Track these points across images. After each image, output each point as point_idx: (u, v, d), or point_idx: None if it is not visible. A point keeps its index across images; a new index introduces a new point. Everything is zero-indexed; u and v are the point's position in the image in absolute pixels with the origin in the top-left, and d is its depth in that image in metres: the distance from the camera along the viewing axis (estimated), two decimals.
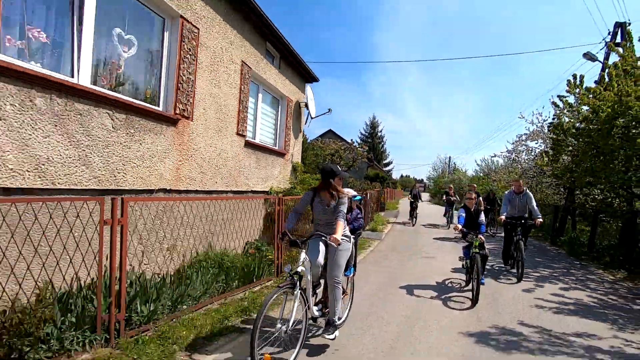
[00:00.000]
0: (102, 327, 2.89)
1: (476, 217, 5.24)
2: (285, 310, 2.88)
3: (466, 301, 4.72)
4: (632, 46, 9.25)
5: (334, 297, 3.23)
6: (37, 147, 3.03)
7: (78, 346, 2.73)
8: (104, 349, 2.83)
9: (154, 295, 3.38)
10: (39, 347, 2.54)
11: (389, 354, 3.20)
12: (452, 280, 5.71)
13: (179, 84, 4.75)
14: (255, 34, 6.83)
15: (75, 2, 3.45)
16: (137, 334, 3.08)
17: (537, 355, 3.26)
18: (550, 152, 11.75)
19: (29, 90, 2.96)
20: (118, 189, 3.89)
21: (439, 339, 3.53)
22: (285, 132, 8.79)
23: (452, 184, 17.58)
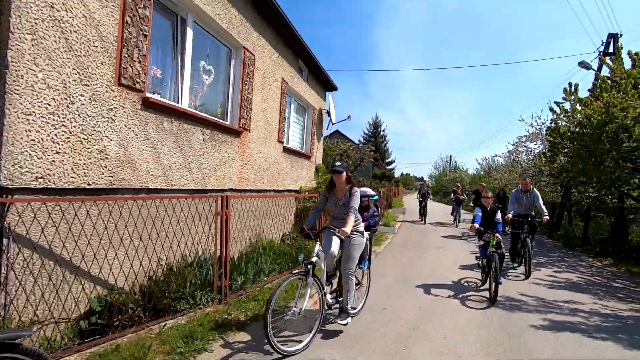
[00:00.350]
0: (216, 290, 3.96)
1: (492, 216, 5.20)
2: (300, 297, 3.20)
3: (484, 300, 4.72)
4: (620, 59, 10.32)
5: (347, 287, 3.50)
6: (164, 158, 4.09)
7: (203, 302, 3.80)
8: (219, 305, 3.90)
9: (244, 270, 4.45)
10: (182, 301, 3.61)
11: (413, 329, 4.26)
12: (467, 280, 5.70)
13: (242, 102, 5.80)
14: (291, 54, 7.88)
15: (178, 46, 4.50)
16: (236, 297, 4.15)
17: (534, 313, 4.33)
18: (548, 154, 12.81)
19: (160, 116, 4.01)
20: (205, 189, 4.95)
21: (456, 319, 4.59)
22: (311, 138, 9.85)
23: (459, 183, 17.73)
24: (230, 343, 3.17)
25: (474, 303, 4.61)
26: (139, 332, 3.15)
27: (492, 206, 5.33)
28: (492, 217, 5.19)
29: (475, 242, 8.63)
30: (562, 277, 6.36)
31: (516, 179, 19.37)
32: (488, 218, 5.20)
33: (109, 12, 3.28)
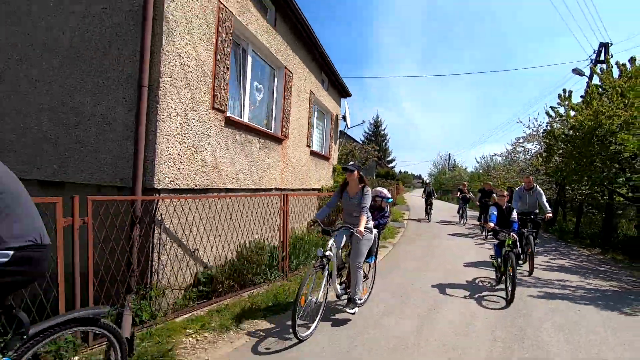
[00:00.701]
0: (281, 269, 4.98)
1: (508, 215, 5.17)
2: (315, 288, 3.51)
3: (500, 300, 4.66)
4: (609, 70, 11.39)
5: (355, 279, 3.76)
6: (236, 164, 5.09)
7: (272, 278, 4.81)
8: (283, 281, 4.92)
9: (297, 254, 5.47)
10: (258, 276, 4.62)
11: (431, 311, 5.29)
12: (482, 280, 5.65)
13: (283, 113, 6.80)
14: (316, 68, 8.87)
15: (241, 71, 5.49)
16: (293, 275, 5.17)
17: (531, 288, 5.37)
18: (544, 154, 13.88)
19: (235, 130, 5.01)
20: (259, 189, 5.95)
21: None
22: (330, 141, 10.87)
23: (465, 182, 17.93)
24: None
25: (492, 303, 4.54)
26: (234, 297, 4.17)
27: (507, 205, 5.30)
28: (508, 216, 5.15)
29: (482, 239, 9.61)
30: (556, 263, 7.42)
31: (514, 178, 20.51)
32: (503, 217, 5.15)
33: (209, 54, 4.27)
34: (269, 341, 3.22)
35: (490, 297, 4.78)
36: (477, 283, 5.45)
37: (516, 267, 4.65)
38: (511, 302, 4.47)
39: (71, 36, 3.78)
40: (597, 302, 4.86)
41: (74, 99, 3.76)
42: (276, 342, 3.21)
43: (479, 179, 33.47)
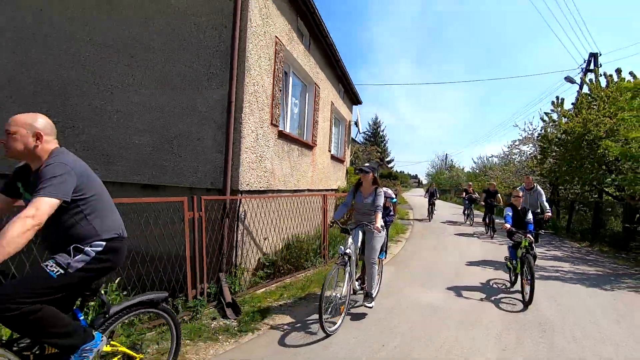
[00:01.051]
0: (322, 256, 5.98)
1: (524, 216, 5.10)
2: (338, 284, 3.64)
3: (517, 303, 4.56)
4: (598, 81, 12.51)
5: (371, 274, 3.88)
6: (284, 169, 6.08)
7: (316, 263, 5.81)
8: (324, 265, 5.92)
9: (333, 244, 6.48)
10: (306, 262, 5.61)
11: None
12: (496, 281, 5.59)
13: (313, 123, 7.80)
14: (336, 81, 9.88)
15: (284, 90, 6.48)
16: (332, 261, 6.17)
17: None
18: (538, 157, 15.00)
19: (283, 141, 5.99)
20: (297, 189, 6.93)
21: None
22: (344, 145, 11.89)
23: (470, 182, 17.95)
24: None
25: (508, 306, 4.46)
26: (292, 277, 5.16)
27: (523, 206, 5.24)
28: (524, 217, 5.09)
29: (488, 239, 10.14)
30: (550, 253, 8.48)
31: (509, 178, 21.67)
32: (519, 218, 5.09)
33: (269, 81, 5.26)
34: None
35: (507, 299, 4.72)
36: (491, 285, 5.41)
37: (534, 267, 4.50)
38: (529, 304, 4.36)
39: (169, 69, 4.75)
40: (583, 282, 5.90)
41: (170, 120, 4.73)
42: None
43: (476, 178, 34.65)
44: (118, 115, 4.91)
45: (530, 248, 4.76)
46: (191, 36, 4.67)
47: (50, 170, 1.74)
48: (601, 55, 15.12)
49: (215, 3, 4.56)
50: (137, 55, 4.86)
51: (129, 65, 4.89)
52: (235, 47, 4.43)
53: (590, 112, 10.75)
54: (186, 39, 4.68)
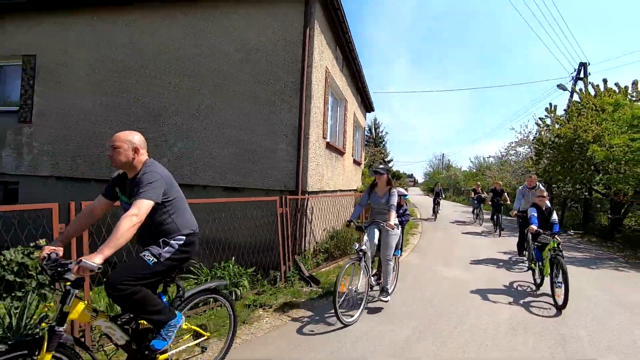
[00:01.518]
0: None
1: (549, 216, 4.98)
2: (354, 278, 3.82)
3: (549, 307, 4.41)
4: (587, 90, 13.91)
5: (386, 270, 4.08)
6: (328, 173, 7.33)
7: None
8: None
9: None
10: (350, 248, 6.88)
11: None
12: (520, 284, 5.46)
13: (344, 133, 9.06)
14: (357, 92, 11.16)
15: (326, 107, 7.73)
16: None
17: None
18: (534, 158, 16.39)
19: (328, 150, 7.25)
20: (334, 190, 8.19)
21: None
22: (360, 150, 13.18)
23: (479, 182, 17.91)
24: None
25: (540, 310, 4.29)
26: (342, 260, 6.42)
27: (547, 206, 5.10)
28: (548, 217, 4.97)
29: (496, 237, 10.39)
30: None
31: (506, 177, 23.11)
32: (544, 219, 4.95)
33: (322, 102, 6.52)
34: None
35: (536, 302, 4.58)
36: (516, 288, 5.26)
37: (566, 269, 4.27)
38: (564, 308, 4.18)
39: (248, 95, 5.99)
40: (574, 263, 7.24)
41: (249, 136, 5.97)
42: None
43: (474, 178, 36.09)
44: (205, 132, 6.14)
45: (559, 249, 4.54)
46: (267, 70, 5.91)
47: (147, 178, 2.09)
48: (590, 65, 16.63)
49: (288, 47, 5.80)
50: (221, 84, 6.09)
51: (213, 92, 6.12)
52: (303, 82, 5.68)
53: (580, 119, 12.12)
54: (262, 72, 5.93)
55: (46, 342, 1.82)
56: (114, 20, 6.56)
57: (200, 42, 6.18)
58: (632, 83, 12.64)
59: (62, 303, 1.90)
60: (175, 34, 6.29)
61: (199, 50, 6.18)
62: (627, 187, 10.12)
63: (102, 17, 6.62)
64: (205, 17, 6.17)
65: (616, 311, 4.44)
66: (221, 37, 6.09)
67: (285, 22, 5.84)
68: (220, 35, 6.10)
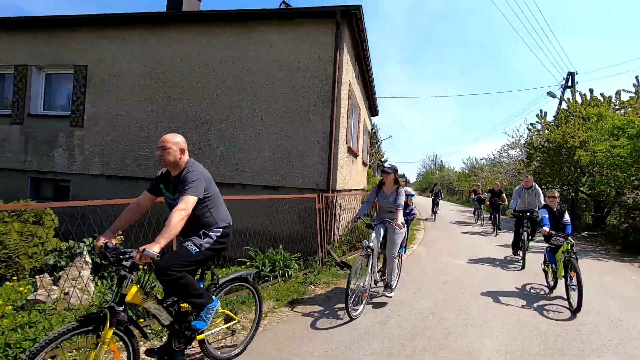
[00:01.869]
0: None
1: (560, 217, 4.91)
2: (362, 274, 3.93)
3: (564, 310, 4.32)
4: (574, 99, 15.09)
5: (391, 267, 4.20)
6: (348, 174, 8.23)
7: None
8: None
9: None
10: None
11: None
12: (533, 286, 5.38)
13: (357, 138, 9.99)
14: (366, 99, 12.11)
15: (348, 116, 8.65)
16: None
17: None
18: (525, 160, 17.56)
19: (348, 154, 8.15)
20: (349, 189, 9.10)
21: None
22: (367, 152, 14.14)
23: (479, 182, 18.37)
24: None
25: (553, 313, 4.19)
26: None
27: (559, 207, 5.02)
28: (560, 218, 4.91)
29: (493, 236, 10.87)
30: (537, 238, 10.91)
31: (498, 178, 24.34)
32: (555, 220, 4.89)
33: (345, 111, 7.43)
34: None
35: (550, 306, 4.47)
36: (528, 290, 5.18)
37: (580, 271, 4.18)
38: (578, 311, 4.09)
39: (283, 106, 6.86)
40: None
41: (285, 141, 6.84)
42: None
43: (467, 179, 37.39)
44: (245, 137, 6.99)
45: (572, 251, 4.46)
46: (302, 84, 6.79)
47: (191, 176, 2.30)
48: (577, 74, 17.86)
49: (321, 65, 6.69)
50: (259, 95, 6.95)
51: (253, 102, 6.97)
52: (334, 95, 6.58)
53: (568, 126, 13.26)
54: (297, 86, 6.80)
55: (109, 319, 2.04)
56: (162, 35, 7.36)
57: (241, 58, 7.03)
58: (615, 93, 13.87)
59: (119, 286, 2.12)
60: (218, 50, 7.12)
61: (240, 64, 7.03)
62: (609, 189, 11.26)
63: (151, 32, 7.42)
64: (247, 36, 7.02)
65: (593, 289, 5.45)
66: (261, 54, 6.95)
67: (318, 43, 6.72)
68: (260, 53, 6.96)
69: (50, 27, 7.93)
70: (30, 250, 5.08)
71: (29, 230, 5.17)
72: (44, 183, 8.21)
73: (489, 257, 7.85)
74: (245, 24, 7.03)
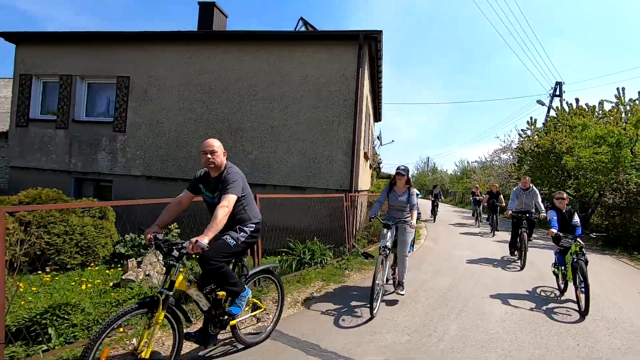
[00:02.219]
0: None
1: (569, 219, 4.88)
2: (379, 272, 4.01)
3: (572, 313, 4.29)
4: (562, 107, 16.33)
5: (403, 265, 4.39)
6: (360, 176, 9.18)
7: None
8: None
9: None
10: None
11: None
12: (544, 289, 5.33)
13: (370, 141, 10.95)
14: (373, 106, 13.10)
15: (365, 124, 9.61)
16: None
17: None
18: (516, 164, 18.77)
19: (363, 158, 9.11)
20: (362, 190, 10.04)
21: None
22: (372, 155, 15.14)
23: (477, 184, 18.65)
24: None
25: (561, 316, 4.16)
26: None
27: (568, 209, 4.99)
28: (570, 220, 4.88)
29: (490, 236, 11.26)
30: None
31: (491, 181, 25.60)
32: (564, 222, 4.88)
33: (363, 121, 8.38)
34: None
35: (559, 309, 4.43)
36: (539, 293, 5.15)
37: (587, 274, 4.16)
38: (586, 314, 4.08)
39: (310, 116, 7.77)
40: (551, 249, 9.35)
41: (312, 147, 7.75)
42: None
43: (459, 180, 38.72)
44: (276, 143, 7.89)
45: (581, 253, 4.43)
46: (327, 97, 7.72)
47: (231, 177, 2.55)
48: (564, 84, 19.20)
49: (344, 80, 7.64)
50: (289, 106, 7.86)
51: (283, 112, 7.88)
52: (357, 108, 7.53)
53: (555, 133, 14.47)
54: (323, 98, 7.73)
55: (161, 302, 2.26)
56: (201, 51, 8.22)
57: (273, 73, 7.92)
58: (598, 103, 15.13)
59: (167, 274, 2.33)
60: (252, 65, 8.00)
61: (271, 78, 7.92)
62: (592, 191, 12.44)
63: (190, 48, 8.27)
64: (278, 53, 7.92)
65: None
66: (291, 70, 7.86)
67: (342, 61, 7.67)
68: (290, 68, 7.87)
69: (95, 41, 8.71)
70: (102, 240, 5.90)
71: (100, 224, 5.98)
72: (86, 182, 8.96)
73: (490, 250, 8.89)
74: (277, 42, 7.94)
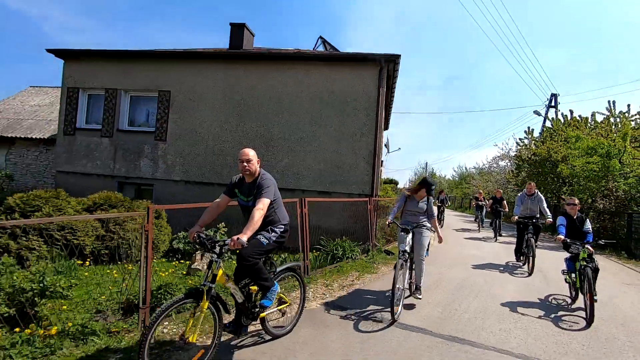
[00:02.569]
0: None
1: (581, 225, 4.80)
2: (400, 277, 4.09)
3: (580, 321, 4.21)
4: (557, 118, 17.44)
5: (420, 269, 4.43)
6: (375, 181, 10.14)
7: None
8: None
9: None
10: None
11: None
12: (555, 297, 5.28)
13: (383, 149, 11.93)
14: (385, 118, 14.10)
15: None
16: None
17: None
18: (514, 171, 19.84)
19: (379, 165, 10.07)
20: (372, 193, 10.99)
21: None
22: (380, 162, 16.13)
23: (481, 190, 18.50)
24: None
25: (567, 324, 4.10)
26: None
27: (579, 215, 4.90)
28: (581, 226, 4.80)
29: (493, 241, 11.45)
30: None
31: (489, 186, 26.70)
32: (575, 228, 4.79)
33: (380, 133, 9.34)
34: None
35: (567, 316, 4.36)
36: (550, 301, 5.11)
37: (594, 282, 4.13)
38: (591, 323, 4.00)
39: (335, 128, 8.72)
40: (550, 249, 10.34)
41: (337, 156, 8.69)
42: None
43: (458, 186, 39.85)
44: (304, 152, 8.83)
45: (590, 260, 4.33)
46: (351, 112, 8.68)
47: (265, 183, 2.83)
48: (560, 95, 20.36)
49: (365, 96, 8.61)
50: (316, 120, 8.81)
51: (311, 124, 8.83)
52: (377, 122, 8.51)
53: (551, 143, 15.55)
54: (348, 113, 8.69)
55: (205, 293, 2.46)
56: (236, 68, 9.16)
57: (301, 89, 8.88)
58: (591, 114, 16.27)
59: (209, 268, 2.56)
60: (282, 81, 8.95)
61: (300, 94, 8.88)
62: (585, 197, 13.48)
63: (227, 65, 9.21)
64: (305, 70, 8.88)
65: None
66: (318, 86, 8.82)
67: (364, 80, 8.65)
68: (317, 85, 8.83)
69: (137, 58, 9.63)
70: (162, 237, 6.78)
71: (160, 223, 6.87)
72: (127, 185, 9.82)
73: (493, 252, 9.86)
74: (307, 62, 8.91)
